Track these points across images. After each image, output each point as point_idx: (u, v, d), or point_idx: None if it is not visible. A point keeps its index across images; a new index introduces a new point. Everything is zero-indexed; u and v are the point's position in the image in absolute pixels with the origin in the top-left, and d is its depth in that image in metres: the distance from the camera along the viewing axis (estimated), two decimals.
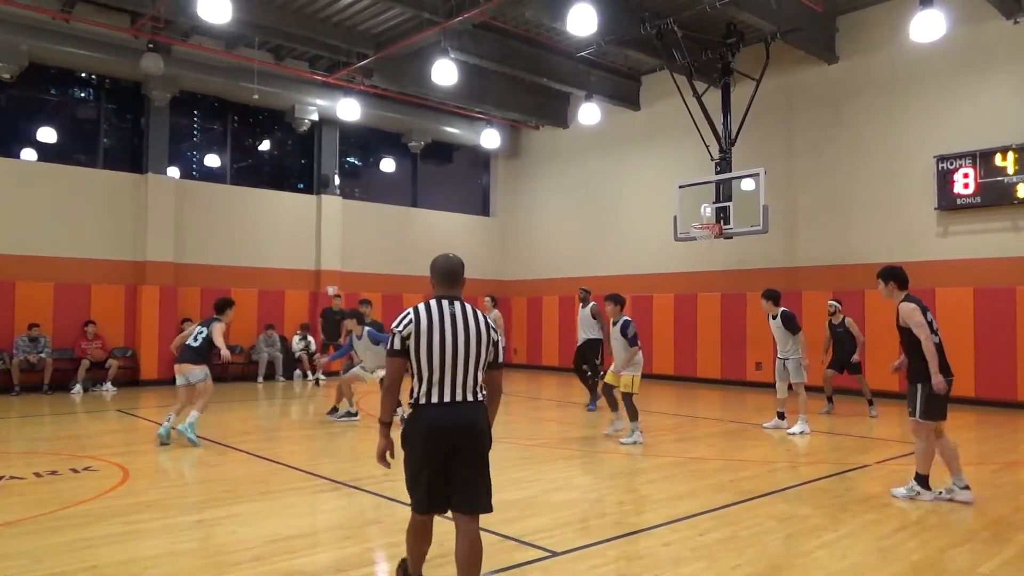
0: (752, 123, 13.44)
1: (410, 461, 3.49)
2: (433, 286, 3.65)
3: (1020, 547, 4.67)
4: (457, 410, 3.44)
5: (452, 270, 3.64)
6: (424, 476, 3.44)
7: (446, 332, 3.44)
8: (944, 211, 12.34)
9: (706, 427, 10.04)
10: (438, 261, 3.67)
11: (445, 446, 3.40)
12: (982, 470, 7.23)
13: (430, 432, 3.41)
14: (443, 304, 3.52)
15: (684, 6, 12.37)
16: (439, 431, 3.41)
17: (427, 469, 3.43)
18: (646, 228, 16.45)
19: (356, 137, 18.29)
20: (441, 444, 3.40)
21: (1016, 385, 11.53)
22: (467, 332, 3.47)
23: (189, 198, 15.32)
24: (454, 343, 3.44)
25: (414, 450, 3.45)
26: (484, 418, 3.54)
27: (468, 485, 3.44)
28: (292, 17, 13.35)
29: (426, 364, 3.43)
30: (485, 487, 3.49)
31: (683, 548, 4.62)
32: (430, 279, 3.65)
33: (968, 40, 12.12)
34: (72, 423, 10.33)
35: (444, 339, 3.43)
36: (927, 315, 5.93)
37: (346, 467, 7.21)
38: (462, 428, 3.44)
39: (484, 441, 3.52)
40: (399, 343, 3.46)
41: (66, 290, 13.83)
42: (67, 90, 15.16)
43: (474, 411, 3.49)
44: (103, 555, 4.44)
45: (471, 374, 3.47)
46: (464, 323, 3.49)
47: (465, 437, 3.44)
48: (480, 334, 3.50)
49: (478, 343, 3.49)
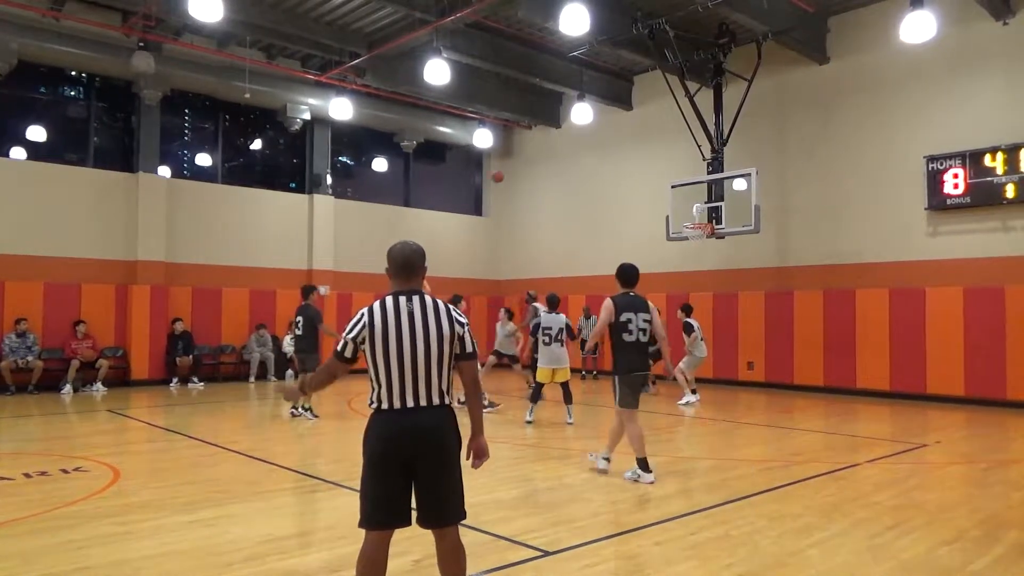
0: (744, 123, 13.48)
1: (365, 469, 3.21)
2: (390, 277, 3.34)
3: (1010, 545, 4.70)
4: (418, 416, 3.16)
5: (409, 259, 3.31)
6: (378, 487, 3.17)
7: (403, 333, 3.15)
8: (934, 211, 12.42)
9: (698, 426, 10.07)
10: (394, 249, 3.35)
11: (404, 455, 3.14)
12: (972, 469, 7.28)
13: (388, 439, 3.15)
14: (400, 301, 3.21)
15: (676, 6, 12.40)
16: (398, 439, 3.14)
17: (382, 479, 3.15)
18: (638, 228, 16.48)
19: (348, 136, 18.25)
20: (400, 453, 3.13)
21: (1005, 384, 11.61)
22: (427, 331, 3.18)
23: (180, 197, 15.26)
24: (412, 345, 3.15)
25: (370, 458, 3.18)
26: (449, 422, 3.25)
27: (433, 497, 3.20)
28: (284, 16, 13.32)
29: (383, 369, 3.15)
30: (452, 495, 3.24)
31: (675, 547, 4.63)
32: (387, 270, 3.34)
33: (958, 41, 12.19)
34: (62, 423, 10.27)
35: (402, 341, 3.15)
36: (624, 315, 6.48)
37: (339, 467, 7.19)
38: (423, 435, 3.16)
39: (449, 447, 3.23)
40: (350, 349, 3.19)
41: (56, 290, 13.75)
42: (57, 89, 15.07)
43: (437, 416, 3.20)
44: (94, 556, 4.42)
45: (434, 376, 3.19)
46: (424, 321, 3.20)
47: (426, 445, 3.16)
48: (442, 331, 3.21)
49: (440, 341, 3.20)
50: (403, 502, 3.18)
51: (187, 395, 13.32)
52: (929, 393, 12.31)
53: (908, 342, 12.63)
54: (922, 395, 12.37)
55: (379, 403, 3.19)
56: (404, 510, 3.18)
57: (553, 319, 9.89)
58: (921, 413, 11.19)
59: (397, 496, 3.16)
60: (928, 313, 12.47)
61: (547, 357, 9.80)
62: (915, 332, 12.57)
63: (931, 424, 10.28)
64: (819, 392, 13.48)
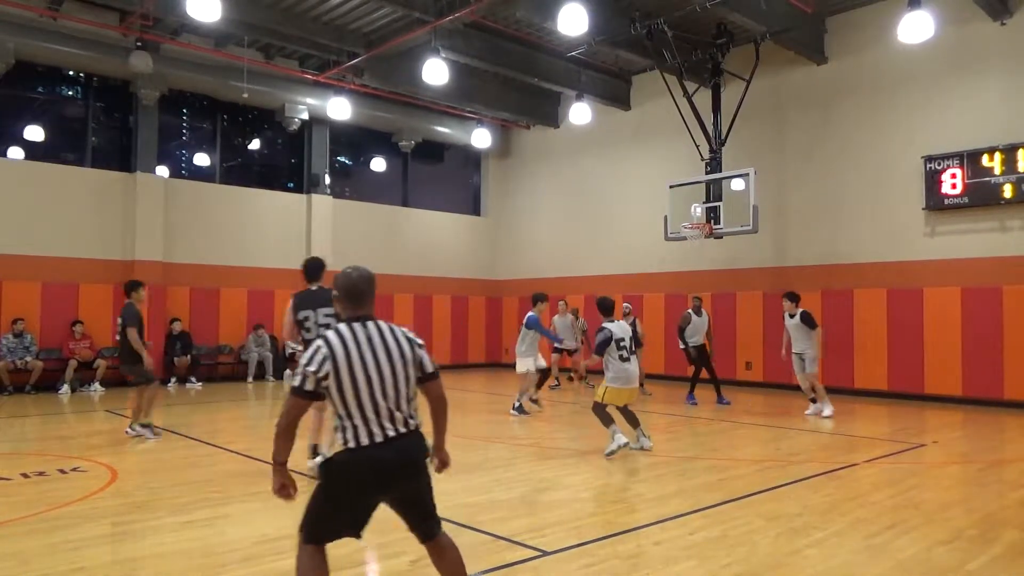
0: (742, 123, 13.49)
1: (333, 499, 3.07)
2: (339, 303, 3.22)
3: (1007, 545, 4.70)
4: (399, 447, 3.05)
5: (356, 288, 3.20)
6: (346, 514, 3.08)
7: (368, 363, 3.03)
8: (932, 211, 12.43)
9: (696, 426, 10.07)
10: (340, 279, 3.21)
11: (387, 487, 3.08)
12: (969, 468, 7.29)
13: (372, 476, 3.03)
14: (356, 329, 3.08)
15: (674, 6, 12.40)
16: (383, 474, 3.04)
17: (353, 507, 3.07)
18: (636, 228, 16.48)
19: (346, 136, 18.23)
20: (383, 486, 3.07)
21: (1003, 384, 11.62)
22: (390, 356, 3.08)
23: (178, 197, 15.24)
24: (379, 373, 3.03)
25: (347, 492, 3.05)
26: (424, 446, 3.18)
27: (422, 513, 3.20)
28: (282, 16, 13.30)
29: (354, 403, 3.00)
30: (434, 509, 3.25)
31: (673, 547, 4.63)
32: (334, 296, 3.25)
33: (956, 41, 12.21)
34: (60, 423, 10.26)
35: (368, 372, 3.02)
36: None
37: None
38: (407, 466, 3.10)
39: (426, 468, 3.20)
40: (312, 384, 3.01)
41: (54, 290, 13.73)
42: (55, 88, 15.05)
43: (414, 442, 3.13)
44: (92, 556, 4.41)
45: (403, 401, 3.09)
46: (385, 346, 3.09)
47: (410, 473, 3.11)
48: (404, 354, 3.12)
49: (404, 365, 3.11)
50: (367, 519, 3.14)
51: (185, 395, 13.31)
52: (927, 393, 12.33)
53: (906, 342, 12.65)
54: (920, 395, 12.39)
55: (357, 440, 3.02)
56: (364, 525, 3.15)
57: (620, 328, 7.70)
58: (919, 413, 11.21)
59: (365, 518, 3.13)
60: (926, 313, 12.49)
61: (625, 376, 7.57)
62: (913, 332, 12.58)
63: (929, 424, 10.29)
64: None
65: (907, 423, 10.25)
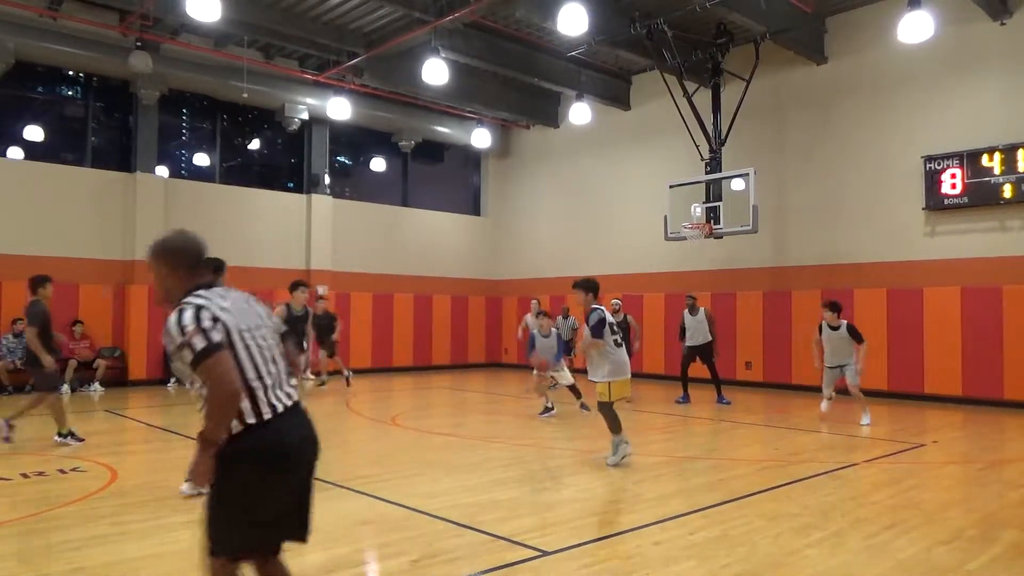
0: (742, 123, 13.50)
1: (252, 493, 2.60)
2: (186, 270, 2.78)
3: (1007, 545, 4.70)
4: (303, 416, 2.78)
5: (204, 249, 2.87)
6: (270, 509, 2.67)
7: (252, 324, 2.72)
8: (932, 211, 12.43)
9: (696, 426, 10.07)
10: (187, 239, 2.82)
11: (305, 466, 2.75)
12: (969, 468, 7.28)
13: (292, 451, 2.68)
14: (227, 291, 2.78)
15: (674, 6, 12.39)
16: (300, 448, 2.71)
17: (280, 500, 2.68)
18: (636, 228, 16.49)
19: (346, 136, 18.23)
20: (302, 464, 2.73)
21: (1002, 383, 11.62)
22: (261, 320, 2.80)
23: (178, 197, 15.23)
24: (264, 337, 2.75)
25: (264, 480, 2.61)
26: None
27: (308, 508, 2.83)
28: (282, 16, 13.30)
29: (250, 367, 2.63)
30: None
31: (673, 547, 4.63)
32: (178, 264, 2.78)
33: (956, 41, 12.21)
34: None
35: (254, 333, 2.70)
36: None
37: (335, 467, 7.17)
38: (314, 438, 2.79)
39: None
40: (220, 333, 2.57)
41: (53, 289, 13.67)
42: (54, 88, 15.04)
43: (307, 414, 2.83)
44: (91, 557, 4.40)
45: (283, 370, 2.80)
46: (255, 310, 2.82)
47: (316, 449, 2.80)
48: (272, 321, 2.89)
49: (273, 333, 2.85)
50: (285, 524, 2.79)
51: (184, 395, 13.30)
52: (927, 393, 12.33)
53: (905, 342, 12.65)
54: (920, 395, 12.39)
55: (259, 414, 2.61)
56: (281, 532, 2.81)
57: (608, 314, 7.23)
58: (919, 413, 11.21)
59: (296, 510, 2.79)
60: (926, 313, 12.49)
61: (622, 365, 7.16)
62: (913, 332, 12.59)
63: (929, 424, 10.30)
64: (817, 392, 13.40)
65: (907, 423, 10.25)
